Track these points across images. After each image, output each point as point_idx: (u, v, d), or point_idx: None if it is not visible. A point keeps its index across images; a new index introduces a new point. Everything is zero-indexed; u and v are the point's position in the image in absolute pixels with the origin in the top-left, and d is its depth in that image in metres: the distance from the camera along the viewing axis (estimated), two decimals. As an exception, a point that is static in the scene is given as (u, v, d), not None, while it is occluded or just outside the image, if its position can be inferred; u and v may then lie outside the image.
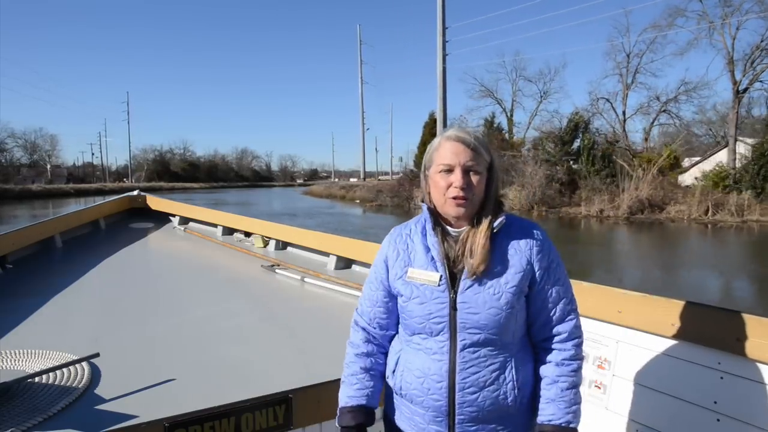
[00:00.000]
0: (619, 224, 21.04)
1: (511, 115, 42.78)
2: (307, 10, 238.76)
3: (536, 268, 1.20)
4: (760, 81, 26.54)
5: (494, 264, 1.17)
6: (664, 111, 32.48)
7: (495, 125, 37.30)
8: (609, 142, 28.58)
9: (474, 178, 1.20)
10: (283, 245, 3.99)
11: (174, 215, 5.23)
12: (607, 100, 33.44)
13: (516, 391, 1.19)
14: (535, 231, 1.24)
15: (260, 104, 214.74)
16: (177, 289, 3.06)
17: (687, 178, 26.56)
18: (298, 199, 46.21)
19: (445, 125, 30.89)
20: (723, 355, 1.46)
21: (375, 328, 1.32)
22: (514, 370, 1.19)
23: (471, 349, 1.17)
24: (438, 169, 1.21)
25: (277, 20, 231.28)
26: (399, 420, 1.29)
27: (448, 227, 1.24)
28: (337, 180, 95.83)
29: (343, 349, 1.35)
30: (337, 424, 1.29)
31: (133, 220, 5.22)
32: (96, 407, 1.49)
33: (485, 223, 1.20)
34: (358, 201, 36.74)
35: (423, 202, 1.29)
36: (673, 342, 1.58)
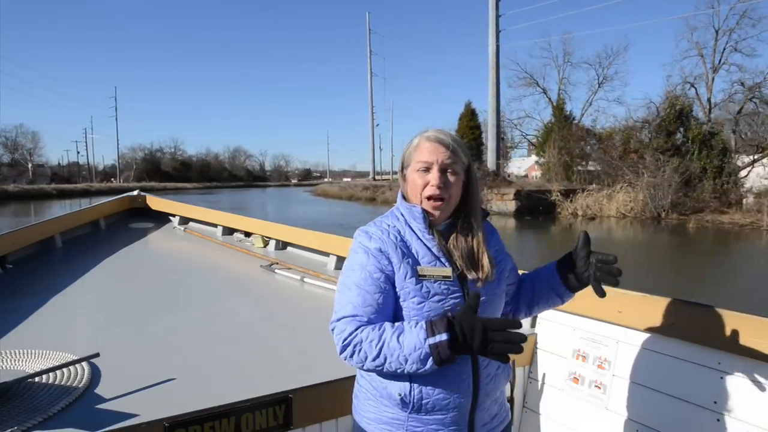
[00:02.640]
0: None
1: (558, 107, 36.90)
2: (302, 11, 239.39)
3: (507, 254, 1.38)
4: None
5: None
6: (751, 98, 26.14)
7: (565, 113, 32.72)
8: (712, 133, 22.64)
9: (451, 178, 1.22)
10: (282, 245, 3.99)
11: (174, 215, 5.23)
12: (692, 84, 27.60)
13: (508, 364, 1.30)
14: (490, 224, 1.38)
15: (252, 104, 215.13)
16: (177, 289, 3.05)
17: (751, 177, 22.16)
18: (313, 203, 39.77)
19: (498, 112, 27.78)
20: (723, 355, 1.46)
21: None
22: None
23: None
24: (416, 168, 1.23)
25: (271, 20, 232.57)
26: None
27: (435, 223, 1.26)
28: (331, 180, 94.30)
29: None
30: (438, 356, 1.06)
31: (133, 220, 5.21)
32: (96, 407, 1.49)
33: (479, 228, 1.25)
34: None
35: (405, 199, 1.29)
36: (673, 342, 1.58)
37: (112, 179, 79.42)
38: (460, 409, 1.19)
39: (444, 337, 1.05)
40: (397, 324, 1.14)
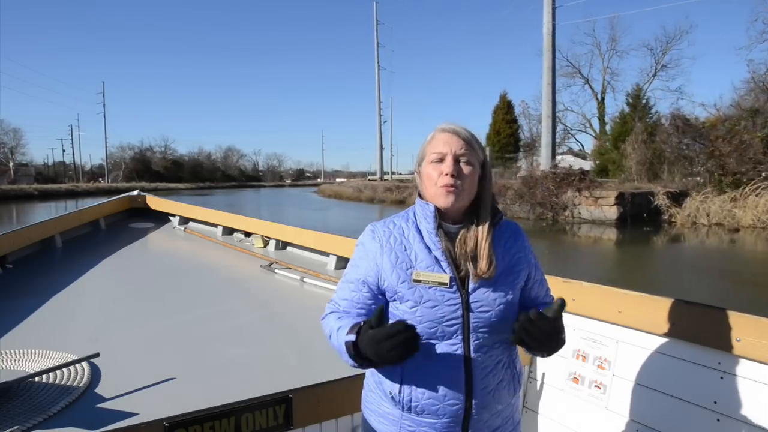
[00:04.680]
0: None
1: (603, 99, 33.84)
2: (297, 11, 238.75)
3: (531, 263, 1.27)
4: None
5: (499, 263, 1.19)
6: None
7: (643, 99, 28.72)
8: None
9: (465, 168, 1.18)
10: (282, 245, 3.99)
11: (174, 215, 5.24)
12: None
13: (516, 379, 1.26)
14: (518, 228, 1.31)
15: (244, 103, 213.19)
16: (177, 289, 3.06)
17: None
18: (333, 206, 32.90)
19: (553, 102, 24.09)
20: (723, 355, 1.46)
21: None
22: (513, 360, 1.26)
23: (484, 348, 1.18)
24: (430, 159, 1.20)
25: (264, 20, 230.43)
26: None
27: (446, 224, 1.22)
28: (330, 180, 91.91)
29: None
30: (351, 349, 1.12)
31: (133, 220, 5.22)
32: (96, 407, 1.50)
33: (486, 224, 1.20)
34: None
35: (420, 196, 1.26)
36: (673, 342, 1.58)
37: (100, 179, 75.40)
38: (453, 417, 1.17)
39: (351, 338, 1.11)
40: (349, 318, 1.20)
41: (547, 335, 1.12)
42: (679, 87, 32.81)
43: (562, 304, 1.11)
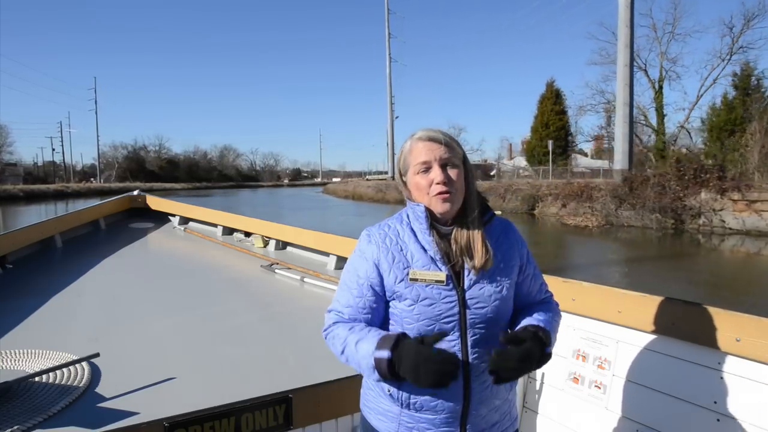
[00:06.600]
0: None
1: (661, 88, 29.83)
2: (294, 10, 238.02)
3: (523, 257, 1.29)
4: None
5: (494, 258, 1.22)
6: None
7: (758, 83, 24.41)
8: None
9: (452, 172, 1.20)
10: (282, 245, 4.00)
11: (174, 215, 5.24)
12: None
13: None
14: (510, 223, 1.33)
15: (238, 103, 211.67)
16: (177, 288, 3.06)
17: None
18: (360, 210, 29.32)
19: (631, 87, 20.42)
20: (723, 355, 1.46)
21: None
22: None
23: (481, 344, 1.19)
24: (416, 170, 1.22)
25: (261, 20, 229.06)
26: None
27: (438, 225, 1.24)
28: (338, 180, 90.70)
29: None
30: (377, 372, 1.10)
31: (133, 220, 5.22)
32: (96, 407, 1.50)
33: (475, 218, 1.22)
34: (498, 213, 22.10)
35: (409, 199, 1.27)
36: (673, 342, 1.58)
37: (92, 179, 72.64)
38: (451, 412, 1.19)
39: (385, 354, 1.09)
40: (365, 328, 1.18)
41: (521, 362, 1.11)
42: (763, 71, 27.30)
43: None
